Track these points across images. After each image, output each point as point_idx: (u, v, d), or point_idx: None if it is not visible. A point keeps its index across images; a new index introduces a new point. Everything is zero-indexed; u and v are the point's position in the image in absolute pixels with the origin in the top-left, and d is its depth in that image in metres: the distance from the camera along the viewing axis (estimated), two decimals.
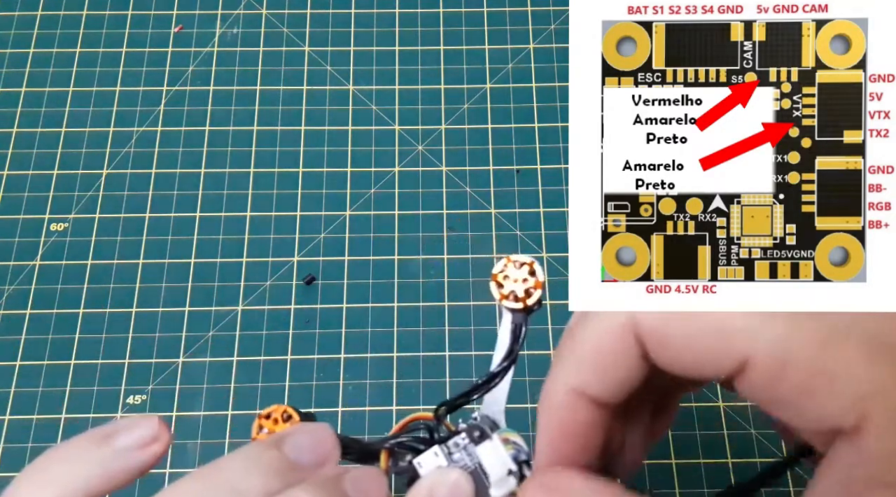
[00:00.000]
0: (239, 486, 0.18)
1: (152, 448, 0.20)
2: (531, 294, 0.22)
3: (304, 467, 0.20)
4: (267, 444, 0.20)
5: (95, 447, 0.20)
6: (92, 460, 0.19)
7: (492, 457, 0.21)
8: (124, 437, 0.20)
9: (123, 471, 0.20)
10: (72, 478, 0.19)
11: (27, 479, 0.19)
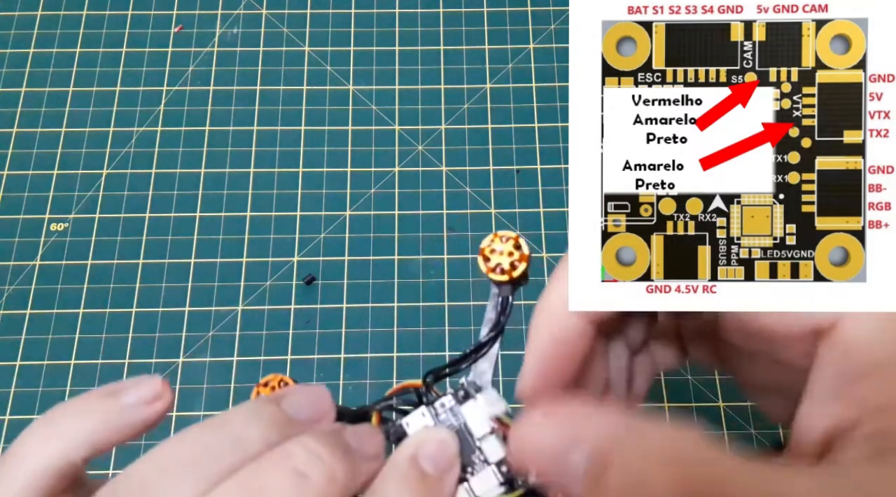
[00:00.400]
0: (240, 436, 0.19)
1: (156, 405, 0.21)
2: (516, 267, 0.22)
3: (302, 423, 0.20)
4: (266, 400, 0.21)
5: (101, 402, 0.21)
6: (97, 415, 0.20)
7: (476, 415, 0.22)
8: (129, 394, 0.21)
9: (128, 426, 0.21)
10: (77, 431, 0.20)
11: (34, 432, 0.20)
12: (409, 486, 0.20)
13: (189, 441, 0.19)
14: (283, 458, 0.19)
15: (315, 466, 0.19)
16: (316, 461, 0.19)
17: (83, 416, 0.20)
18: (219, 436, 0.19)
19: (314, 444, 0.19)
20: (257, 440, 0.19)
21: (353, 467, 0.20)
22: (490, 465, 0.21)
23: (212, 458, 0.19)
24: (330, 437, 0.20)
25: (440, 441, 0.21)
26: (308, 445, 0.19)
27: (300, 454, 0.19)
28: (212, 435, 0.19)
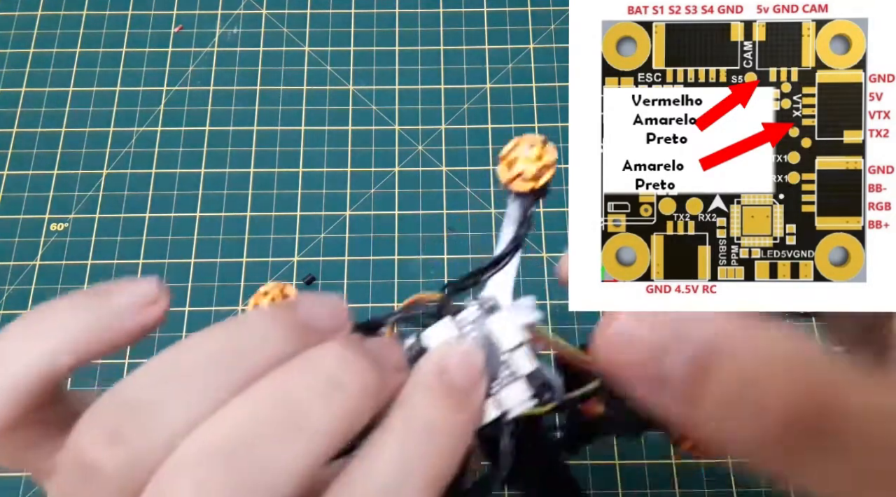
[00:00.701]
0: (259, 341, 0.17)
1: (151, 310, 0.19)
2: (541, 176, 0.20)
3: (320, 332, 0.18)
4: (282, 306, 0.19)
5: (90, 304, 0.18)
6: (86, 317, 0.18)
7: (504, 328, 0.20)
8: (121, 297, 0.18)
9: (118, 332, 0.18)
10: (63, 334, 0.18)
11: (14, 332, 0.18)
12: (437, 399, 0.18)
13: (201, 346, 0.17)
14: (312, 365, 0.17)
15: (347, 373, 0.17)
16: (348, 369, 0.17)
17: (70, 317, 0.18)
18: (235, 341, 0.17)
19: (343, 350, 0.18)
20: (277, 346, 0.17)
21: (383, 378, 0.18)
22: (520, 378, 0.20)
23: (229, 366, 0.17)
24: (358, 347, 0.18)
25: (465, 353, 0.19)
26: (337, 352, 0.17)
27: (329, 360, 0.17)
28: (227, 340, 0.17)
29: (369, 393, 0.17)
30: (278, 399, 0.17)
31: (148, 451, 0.16)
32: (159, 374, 0.17)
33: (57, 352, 0.17)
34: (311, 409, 0.16)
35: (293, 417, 0.16)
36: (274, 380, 0.17)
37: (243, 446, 0.16)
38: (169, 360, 0.17)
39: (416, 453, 0.18)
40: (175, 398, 0.16)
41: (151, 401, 0.16)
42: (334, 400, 0.17)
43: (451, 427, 0.18)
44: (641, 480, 0.40)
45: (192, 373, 0.17)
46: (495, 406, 0.20)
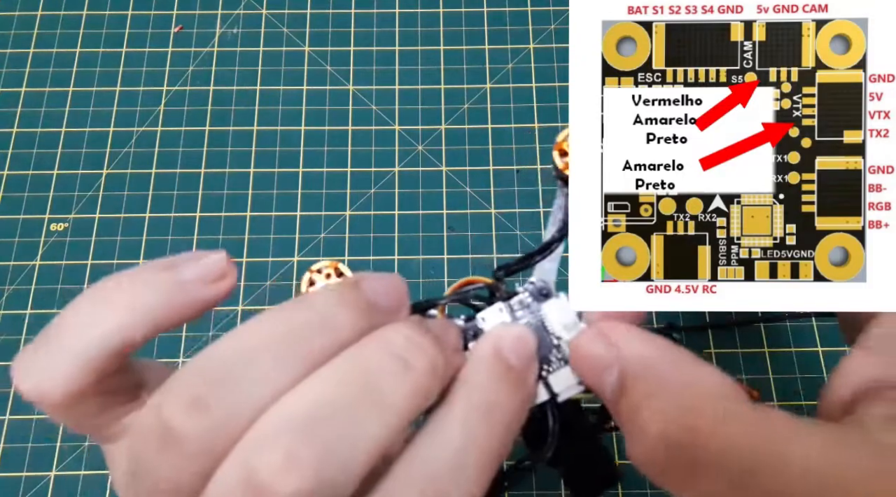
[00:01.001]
0: (330, 321, 0.18)
1: (220, 285, 0.19)
2: None
3: (384, 311, 0.19)
4: (346, 285, 0.19)
5: (160, 276, 0.19)
6: (156, 290, 0.18)
7: (557, 314, 0.21)
8: (191, 269, 0.19)
9: (188, 304, 0.19)
10: (137, 305, 0.18)
11: (87, 302, 0.18)
12: (498, 379, 0.19)
13: (275, 322, 0.18)
14: (384, 343, 0.18)
15: (417, 354, 0.18)
16: (417, 349, 0.18)
17: (141, 290, 0.18)
18: (306, 318, 0.18)
19: (411, 331, 0.18)
20: (347, 324, 0.18)
21: (447, 358, 0.19)
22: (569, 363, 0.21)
23: (302, 341, 0.17)
24: (423, 327, 0.19)
25: (520, 336, 0.20)
26: (406, 332, 0.18)
27: (400, 340, 0.18)
28: (299, 316, 0.18)
29: (436, 372, 0.18)
30: (355, 376, 0.17)
31: (230, 420, 0.16)
32: (240, 347, 0.17)
33: (128, 324, 0.18)
34: (386, 386, 0.17)
35: (370, 393, 0.17)
36: (349, 358, 0.18)
37: (325, 418, 0.16)
38: (246, 334, 0.18)
39: (477, 430, 0.18)
40: (256, 370, 0.17)
41: (234, 372, 0.17)
42: (406, 378, 0.17)
43: (510, 405, 0.19)
44: (641, 480, 0.40)
45: (269, 347, 0.17)
46: (545, 389, 0.21)
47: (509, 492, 0.22)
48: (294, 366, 0.17)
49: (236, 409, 0.16)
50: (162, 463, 0.16)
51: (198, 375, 0.17)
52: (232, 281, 0.19)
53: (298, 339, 0.17)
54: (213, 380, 0.17)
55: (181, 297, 0.19)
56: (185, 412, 0.16)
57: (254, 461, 0.16)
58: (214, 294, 0.19)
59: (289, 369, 0.17)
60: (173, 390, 0.17)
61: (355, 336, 0.18)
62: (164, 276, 0.19)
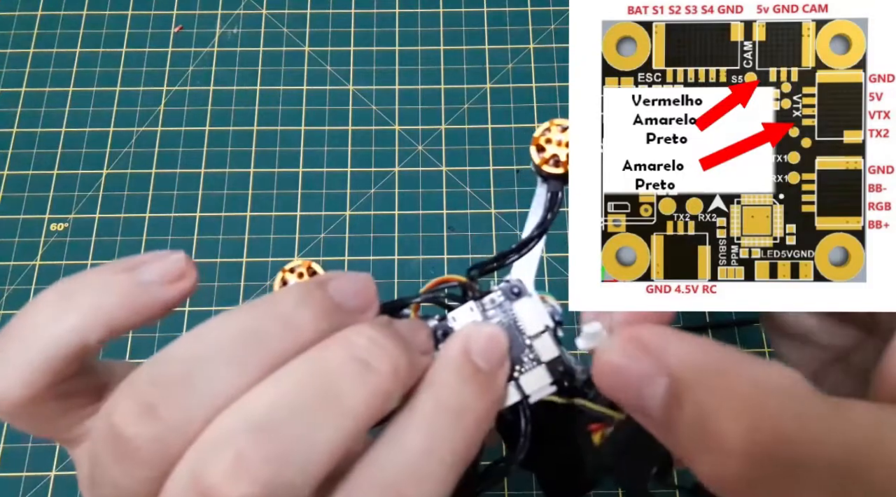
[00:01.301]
0: (291, 322, 0.17)
1: (179, 285, 0.19)
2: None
3: (350, 311, 0.19)
4: (312, 285, 0.19)
5: (119, 278, 0.18)
6: (116, 291, 0.18)
7: (528, 313, 0.21)
8: (150, 270, 0.18)
9: (148, 306, 0.18)
10: (93, 307, 0.18)
11: (44, 303, 0.18)
12: (464, 381, 0.19)
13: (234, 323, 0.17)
14: (345, 345, 0.17)
15: (379, 356, 0.17)
16: (379, 351, 0.18)
17: (101, 291, 0.18)
18: (267, 319, 0.17)
19: (374, 333, 0.18)
20: (309, 326, 0.18)
21: (413, 360, 0.18)
22: (542, 364, 0.21)
23: (261, 343, 0.17)
24: (389, 329, 0.19)
25: (491, 336, 0.20)
26: (369, 334, 0.18)
27: (362, 342, 0.18)
28: (259, 318, 0.17)
29: (399, 375, 0.18)
30: (313, 378, 0.17)
31: (181, 425, 0.16)
32: (193, 350, 0.17)
33: (86, 326, 0.18)
34: (345, 388, 0.17)
35: (328, 396, 0.17)
36: (308, 360, 0.17)
37: (280, 421, 0.16)
38: (203, 335, 0.17)
39: (442, 432, 0.18)
40: (209, 373, 0.16)
41: (185, 376, 0.16)
42: (366, 381, 0.17)
43: (476, 407, 0.19)
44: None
45: (226, 349, 0.17)
46: (516, 390, 0.20)
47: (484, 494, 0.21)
48: (251, 367, 0.17)
49: (188, 414, 0.16)
50: (116, 470, 0.16)
51: (149, 380, 0.16)
52: (191, 281, 0.19)
53: (256, 339, 0.17)
54: (165, 384, 0.16)
55: (139, 298, 0.18)
56: (135, 419, 0.16)
57: (202, 465, 0.15)
58: (173, 295, 0.19)
59: (245, 371, 0.17)
60: (125, 396, 0.16)
61: (317, 337, 0.18)
62: (122, 278, 0.18)
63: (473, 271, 0.22)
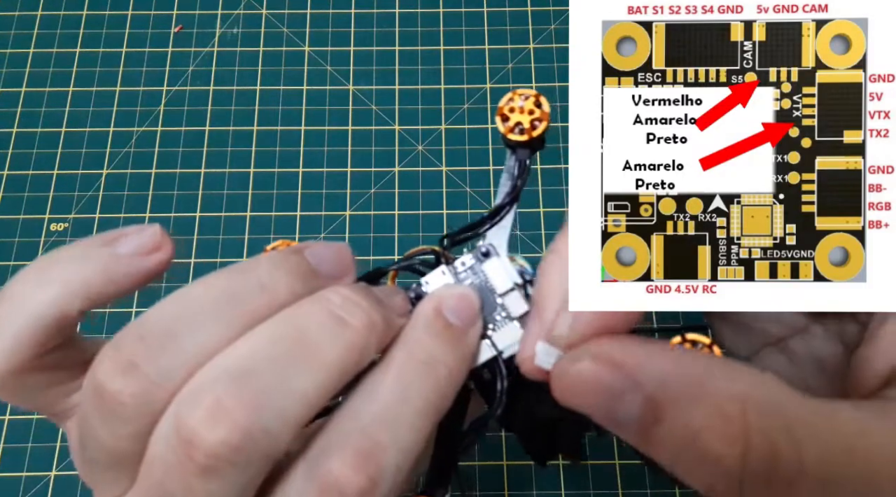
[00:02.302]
0: (266, 282, 0.18)
1: (155, 256, 0.20)
2: (536, 127, 0.21)
3: (326, 277, 0.20)
4: (289, 251, 0.20)
5: (97, 250, 0.19)
6: (94, 262, 0.19)
7: (498, 272, 0.22)
8: (127, 242, 0.20)
9: (125, 276, 0.19)
10: (73, 279, 0.19)
11: (26, 277, 0.19)
12: (436, 335, 0.20)
13: (212, 285, 0.18)
14: (320, 301, 0.18)
15: (354, 312, 0.18)
16: (354, 307, 0.18)
17: (79, 263, 0.19)
18: (245, 281, 0.18)
19: (349, 292, 0.19)
20: (284, 288, 0.18)
21: (388, 317, 0.19)
22: (513, 320, 0.21)
23: (239, 303, 0.18)
24: (365, 290, 0.20)
25: (461, 295, 0.21)
26: (344, 293, 0.19)
27: (337, 299, 0.18)
28: (237, 279, 0.18)
29: (374, 329, 0.18)
30: (289, 331, 0.18)
31: (163, 380, 0.17)
32: (174, 310, 0.18)
33: (67, 295, 0.18)
34: (320, 342, 0.18)
35: (303, 349, 0.17)
36: (285, 316, 0.18)
37: (256, 372, 0.17)
38: (183, 296, 0.18)
39: (414, 382, 0.19)
40: (189, 331, 0.17)
41: (167, 333, 0.17)
42: (341, 334, 0.18)
43: (448, 360, 0.19)
44: (641, 480, 0.40)
45: (206, 308, 0.18)
46: (489, 348, 0.21)
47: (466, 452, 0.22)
48: (229, 325, 0.17)
49: (170, 368, 0.17)
50: (102, 427, 0.17)
51: (132, 337, 0.17)
52: (167, 252, 0.20)
53: (235, 300, 0.18)
54: (148, 341, 0.17)
55: (117, 269, 0.19)
56: (118, 375, 0.17)
57: (182, 414, 0.16)
58: (149, 265, 0.19)
59: (224, 328, 0.17)
60: (109, 354, 0.17)
61: (293, 299, 0.18)
62: (100, 250, 0.19)
63: (445, 240, 0.22)
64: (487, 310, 0.21)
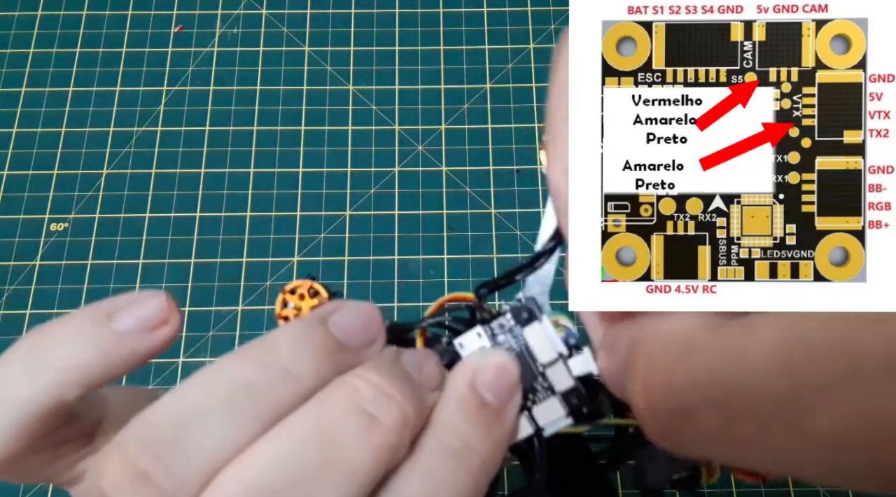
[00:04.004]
0: (291, 369, 0.16)
1: (161, 332, 0.17)
2: None
3: (354, 350, 0.18)
4: (312, 323, 0.17)
5: (95, 328, 0.17)
6: (92, 343, 0.17)
7: (540, 339, 0.20)
8: (127, 317, 0.17)
9: (126, 357, 0.17)
10: (68, 364, 0.16)
11: (16, 360, 0.17)
12: (468, 417, 0.18)
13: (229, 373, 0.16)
14: (349, 397, 0.16)
15: (386, 407, 0.16)
16: (386, 401, 0.16)
17: (74, 344, 0.17)
18: (264, 367, 0.16)
19: (380, 379, 0.17)
20: (310, 373, 0.16)
21: (422, 404, 0.17)
22: (556, 394, 0.19)
23: (259, 396, 0.16)
24: (394, 370, 0.17)
25: (500, 366, 0.18)
26: (374, 381, 0.17)
27: (367, 392, 0.16)
28: (256, 366, 0.16)
29: (407, 425, 0.17)
30: (314, 436, 0.16)
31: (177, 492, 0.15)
32: (186, 406, 0.16)
33: (61, 384, 0.16)
34: (349, 446, 0.16)
35: (330, 456, 0.16)
36: (310, 414, 0.16)
37: (281, 486, 0.15)
38: (195, 389, 0.16)
39: (444, 477, 0.17)
40: (204, 433, 0.15)
41: (178, 436, 0.15)
42: (372, 436, 0.16)
43: (482, 448, 0.18)
44: None
45: (221, 404, 0.16)
46: (529, 422, 0.19)
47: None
48: (248, 424, 0.16)
49: (184, 479, 0.15)
50: None
51: (140, 442, 0.15)
52: (174, 327, 0.17)
53: (254, 392, 0.16)
54: (157, 446, 0.15)
55: (118, 350, 0.17)
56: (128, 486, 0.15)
57: None
58: (154, 343, 0.17)
59: (242, 428, 0.16)
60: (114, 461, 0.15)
61: (319, 384, 0.17)
62: (98, 329, 0.17)
63: (482, 290, 0.20)
64: (528, 378, 0.19)
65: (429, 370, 0.19)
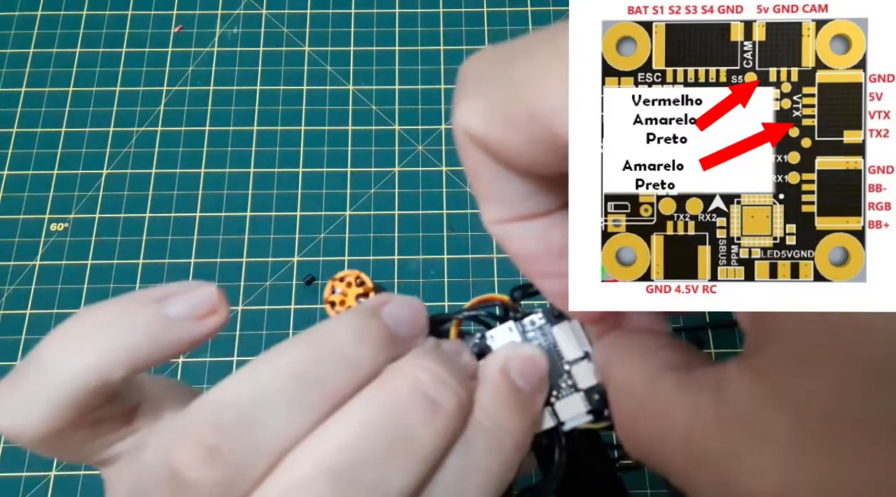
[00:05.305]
0: (351, 356, 0.17)
1: (209, 321, 0.18)
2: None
3: (404, 340, 0.18)
4: (367, 313, 0.18)
5: (145, 311, 0.17)
6: (139, 327, 0.17)
7: (569, 337, 0.20)
8: (178, 304, 0.17)
9: (173, 343, 0.17)
10: (116, 344, 0.17)
11: (64, 337, 0.17)
12: (502, 399, 0.19)
13: (291, 360, 0.17)
14: (411, 382, 0.17)
15: (444, 393, 0.17)
16: (444, 387, 0.17)
17: (123, 326, 0.17)
18: (325, 354, 0.17)
19: (436, 367, 0.17)
20: (368, 360, 0.17)
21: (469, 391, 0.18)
22: (579, 391, 0.20)
23: (321, 381, 0.16)
24: (446, 359, 0.18)
25: (529, 356, 0.20)
26: (431, 369, 0.17)
27: (426, 378, 0.17)
28: (317, 353, 0.17)
29: (462, 410, 0.17)
30: (383, 418, 0.16)
31: (248, 468, 0.15)
32: (251, 390, 0.16)
33: (108, 363, 0.17)
34: (416, 428, 0.16)
35: (399, 437, 0.16)
36: (375, 398, 0.17)
37: (353, 466, 0.16)
38: (263, 371, 0.16)
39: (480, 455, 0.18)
40: (274, 413, 0.16)
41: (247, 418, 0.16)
42: (435, 420, 0.17)
43: (514, 429, 0.18)
44: (641, 480, 0.40)
45: (285, 389, 0.16)
46: (551, 416, 0.20)
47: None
48: (313, 408, 0.16)
49: (254, 457, 0.15)
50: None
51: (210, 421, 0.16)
52: (222, 317, 0.18)
53: (317, 377, 0.16)
54: (228, 426, 0.16)
55: (165, 335, 0.17)
56: (199, 462, 0.15)
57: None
58: (202, 331, 0.18)
59: (308, 411, 0.16)
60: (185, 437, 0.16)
61: (376, 371, 0.17)
62: (149, 312, 0.17)
63: (517, 292, 0.22)
64: (553, 375, 0.20)
65: (464, 358, 0.20)
